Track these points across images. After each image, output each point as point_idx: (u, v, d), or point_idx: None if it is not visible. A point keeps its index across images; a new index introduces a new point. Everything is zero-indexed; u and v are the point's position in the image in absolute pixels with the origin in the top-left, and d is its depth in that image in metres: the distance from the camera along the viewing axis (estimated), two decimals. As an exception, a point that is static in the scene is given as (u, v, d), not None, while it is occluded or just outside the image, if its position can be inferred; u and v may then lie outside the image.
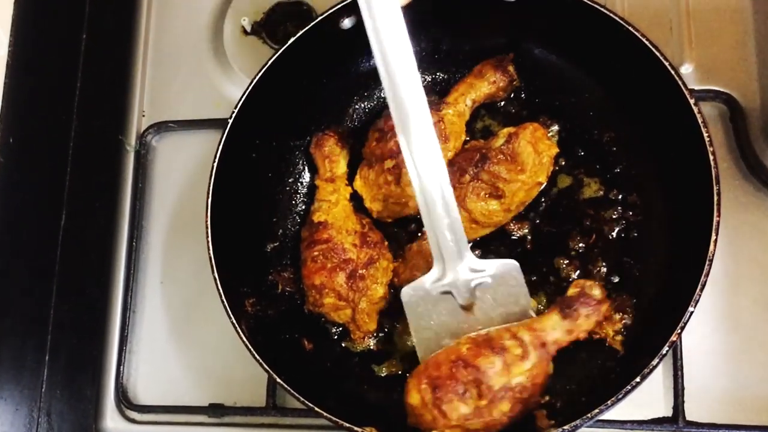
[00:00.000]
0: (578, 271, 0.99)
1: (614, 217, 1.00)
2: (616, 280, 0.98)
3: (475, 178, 0.97)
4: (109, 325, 1.16)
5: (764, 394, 0.98)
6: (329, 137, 1.05)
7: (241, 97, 1.00)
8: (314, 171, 1.09)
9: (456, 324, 0.92)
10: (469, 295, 0.91)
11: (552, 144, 1.01)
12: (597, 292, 0.89)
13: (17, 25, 1.14)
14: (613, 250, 0.99)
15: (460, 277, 0.90)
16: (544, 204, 1.03)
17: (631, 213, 1.00)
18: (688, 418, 0.97)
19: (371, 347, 1.02)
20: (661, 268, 0.95)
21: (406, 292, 0.93)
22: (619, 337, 0.94)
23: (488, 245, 1.02)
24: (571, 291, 0.90)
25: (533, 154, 0.97)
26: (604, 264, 0.98)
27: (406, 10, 1.03)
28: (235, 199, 1.01)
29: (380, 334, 1.02)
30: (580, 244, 1.00)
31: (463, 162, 0.99)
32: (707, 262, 0.84)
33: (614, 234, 1.00)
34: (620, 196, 1.01)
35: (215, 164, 0.98)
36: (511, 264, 0.92)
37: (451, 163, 1.01)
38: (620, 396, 0.82)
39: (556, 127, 1.05)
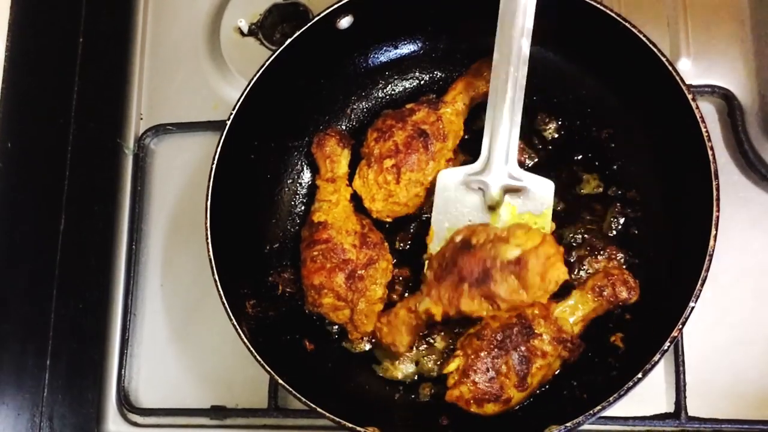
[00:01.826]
0: (577, 269, 0.99)
1: (614, 213, 1.00)
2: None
3: (473, 291, 0.91)
4: (110, 329, 1.16)
5: (766, 388, 0.98)
6: (330, 137, 1.05)
7: (239, 98, 1.00)
8: (314, 171, 1.09)
9: (475, 221, 0.98)
10: (498, 198, 0.97)
11: (562, 268, 0.92)
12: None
13: (14, 30, 1.14)
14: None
15: (498, 178, 0.96)
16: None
17: (630, 209, 1.00)
18: (691, 413, 0.96)
19: (370, 347, 1.02)
20: (661, 263, 0.95)
21: (444, 174, 1.00)
22: (619, 334, 0.94)
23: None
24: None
25: (540, 281, 0.91)
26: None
27: (403, 10, 1.05)
28: (234, 200, 1.01)
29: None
30: (580, 241, 1.00)
31: (464, 268, 0.91)
32: (707, 257, 0.84)
33: (614, 230, 1.00)
34: (619, 192, 1.01)
35: (214, 166, 0.98)
36: (548, 184, 0.97)
37: (453, 263, 0.93)
38: (622, 392, 0.82)
39: (554, 125, 1.05)
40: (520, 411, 0.94)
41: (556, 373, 0.93)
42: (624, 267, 0.96)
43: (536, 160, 1.04)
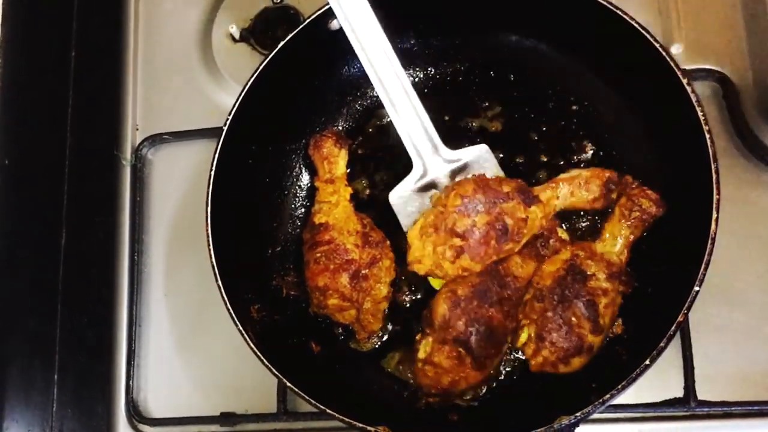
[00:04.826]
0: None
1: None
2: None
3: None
4: (116, 341, 1.16)
5: (774, 369, 0.98)
6: (327, 138, 1.05)
7: (234, 104, 1.00)
8: (313, 173, 1.09)
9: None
10: (450, 182, 0.99)
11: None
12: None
13: (6, 47, 1.13)
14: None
15: (439, 169, 1.00)
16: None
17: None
18: (700, 397, 0.97)
19: (377, 346, 1.02)
20: (664, 249, 0.95)
21: (395, 195, 1.01)
22: (619, 319, 0.94)
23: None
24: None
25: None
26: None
27: (395, 6, 1.04)
28: (234, 206, 1.01)
29: (385, 335, 1.02)
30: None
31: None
32: (710, 241, 0.84)
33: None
34: (619, 180, 1.01)
35: (212, 173, 0.98)
36: (482, 148, 1.01)
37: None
38: (630, 380, 0.82)
39: (548, 116, 1.05)
40: (529, 403, 0.94)
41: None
42: (641, 183, 0.96)
43: (533, 152, 1.04)
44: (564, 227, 0.98)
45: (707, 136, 0.87)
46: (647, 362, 0.82)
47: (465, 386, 0.93)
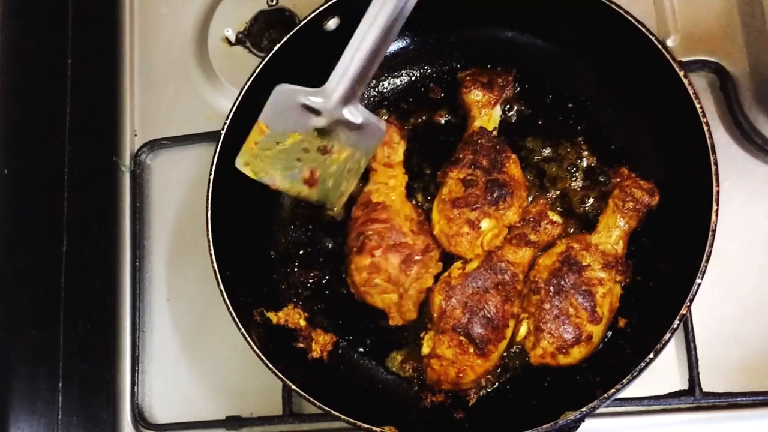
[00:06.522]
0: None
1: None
2: (621, 258, 0.98)
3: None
4: (120, 347, 1.16)
5: (778, 359, 0.98)
6: (391, 125, 1.03)
7: (232, 107, 1.00)
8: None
9: (300, 138, 0.96)
10: (330, 126, 0.94)
11: None
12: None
13: (3, 57, 1.14)
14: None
15: (337, 109, 0.93)
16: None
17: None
18: (705, 389, 0.96)
19: (379, 346, 1.02)
20: (664, 242, 0.95)
21: (283, 86, 0.93)
22: (624, 319, 0.94)
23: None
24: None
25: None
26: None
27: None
28: (234, 209, 1.01)
29: (388, 335, 1.02)
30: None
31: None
32: (710, 233, 0.84)
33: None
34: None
35: (211, 177, 0.98)
36: (380, 129, 0.97)
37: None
38: (635, 374, 0.83)
39: (547, 111, 1.05)
40: (534, 399, 0.94)
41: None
42: (633, 174, 0.96)
43: (531, 147, 1.04)
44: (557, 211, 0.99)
45: (705, 127, 0.87)
46: (651, 355, 0.83)
47: (473, 377, 0.94)
